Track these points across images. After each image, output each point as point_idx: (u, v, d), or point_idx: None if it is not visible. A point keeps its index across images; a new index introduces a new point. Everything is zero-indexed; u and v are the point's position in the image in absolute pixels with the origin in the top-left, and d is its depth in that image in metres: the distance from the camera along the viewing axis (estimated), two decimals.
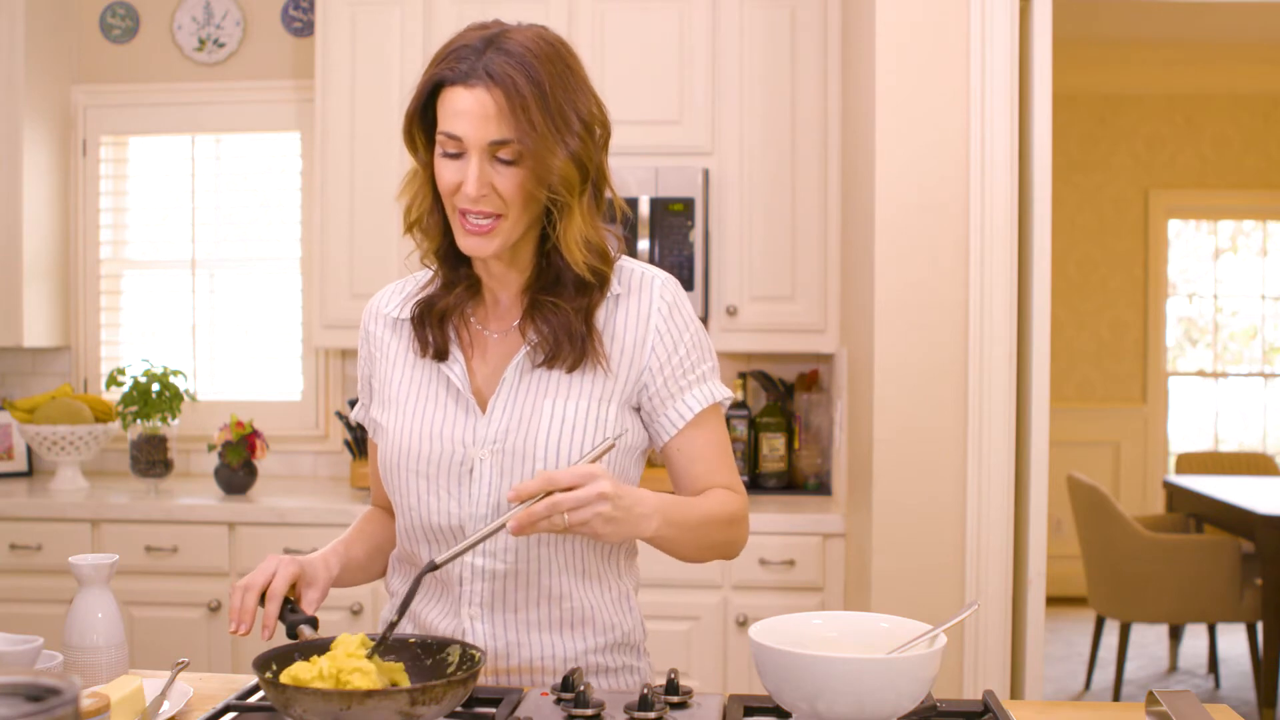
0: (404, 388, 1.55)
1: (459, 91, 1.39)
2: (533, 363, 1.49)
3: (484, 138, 1.39)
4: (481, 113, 1.38)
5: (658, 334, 1.51)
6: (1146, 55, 6.09)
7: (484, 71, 1.38)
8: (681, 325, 1.53)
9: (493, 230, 1.43)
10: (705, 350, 1.55)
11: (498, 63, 1.38)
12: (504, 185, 1.41)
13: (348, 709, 1.17)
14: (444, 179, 1.43)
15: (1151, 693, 1.34)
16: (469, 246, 1.45)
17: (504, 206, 1.42)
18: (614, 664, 1.57)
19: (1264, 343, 6.75)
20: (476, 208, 1.42)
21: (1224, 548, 4.33)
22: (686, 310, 1.55)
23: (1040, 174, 2.81)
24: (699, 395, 1.53)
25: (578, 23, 3.45)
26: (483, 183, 1.40)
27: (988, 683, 2.74)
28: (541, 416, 1.48)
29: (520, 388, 1.50)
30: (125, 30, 4.04)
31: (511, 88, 1.37)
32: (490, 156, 1.40)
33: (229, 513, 3.38)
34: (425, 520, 1.52)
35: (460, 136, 1.40)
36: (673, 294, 1.54)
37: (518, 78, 1.38)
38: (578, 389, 1.49)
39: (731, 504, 1.54)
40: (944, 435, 2.76)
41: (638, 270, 1.55)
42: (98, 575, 1.53)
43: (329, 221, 3.60)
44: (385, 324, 1.60)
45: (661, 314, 1.52)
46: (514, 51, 1.39)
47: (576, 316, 1.48)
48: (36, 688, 0.75)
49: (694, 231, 3.41)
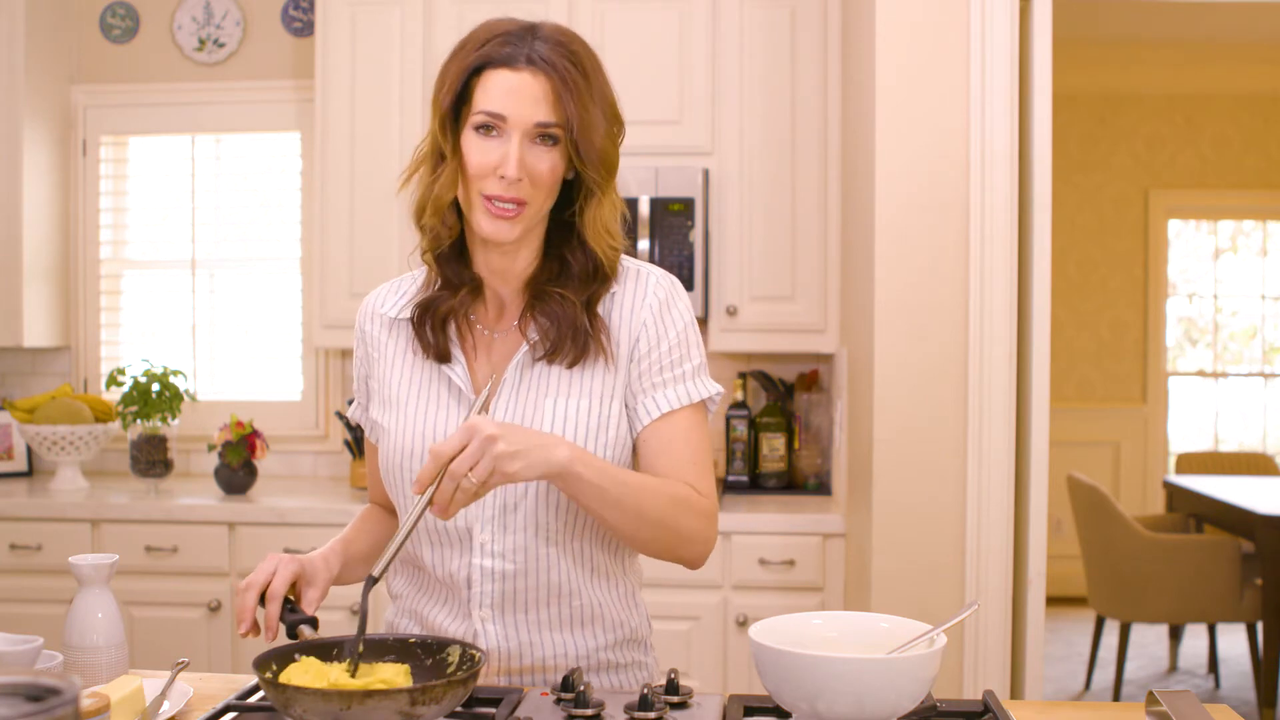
0: (405, 389, 1.55)
1: (504, 74, 1.41)
2: (533, 359, 1.49)
3: (530, 118, 1.41)
4: (530, 94, 1.41)
5: (644, 327, 1.51)
6: (1146, 55, 6.09)
7: (530, 56, 1.41)
8: (670, 321, 1.51)
9: (517, 216, 1.44)
10: (690, 348, 1.52)
11: (542, 49, 1.42)
12: (540, 168, 1.42)
13: (348, 709, 1.17)
14: (476, 160, 1.43)
15: (1151, 693, 1.34)
16: (491, 230, 1.44)
17: (532, 193, 1.43)
18: (624, 660, 1.58)
19: (1264, 343, 6.75)
20: (509, 193, 1.42)
21: (1224, 548, 4.33)
22: (679, 308, 1.53)
23: (1040, 174, 2.81)
24: (677, 392, 1.50)
25: (578, 23, 3.45)
26: (522, 164, 1.41)
27: (988, 683, 2.74)
28: (544, 416, 1.47)
29: (521, 387, 1.49)
30: (125, 30, 4.04)
31: (563, 72, 1.41)
32: (530, 139, 1.42)
33: (229, 513, 3.38)
34: (428, 520, 1.51)
35: (506, 115, 1.41)
36: (667, 290, 1.53)
37: (564, 64, 1.42)
38: (579, 386, 1.49)
39: (683, 490, 1.46)
40: (944, 435, 2.76)
41: (633, 267, 1.55)
42: (98, 575, 1.53)
43: (329, 221, 3.60)
44: (382, 324, 1.60)
45: (652, 309, 1.51)
46: (557, 40, 1.43)
47: (580, 308, 1.48)
48: (36, 688, 0.75)
49: (694, 231, 3.41)
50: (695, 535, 1.47)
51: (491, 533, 1.49)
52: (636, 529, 1.43)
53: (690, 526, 1.46)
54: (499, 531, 1.49)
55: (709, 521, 1.49)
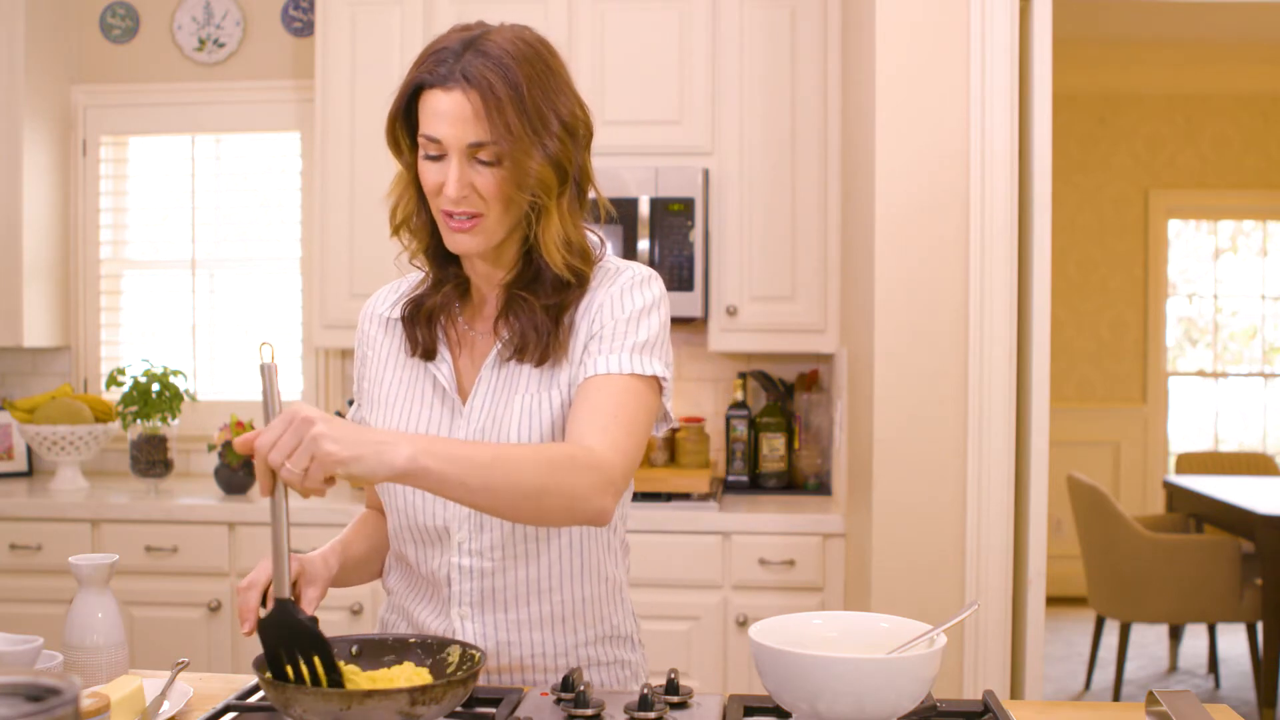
0: (393, 388, 1.57)
1: (437, 94, 1.41)
2: (503, 358, 1.51)
3: (462, 140, 1.40)
4: (459, 115, 1.39)
5: (599, 309, 1.50)
6: (1146, 55, 6.09)
7: (461, 74, 1.40)
8: (624, 303, 1.49)
9: (475, 228, 1.45)
10: (640, 327, 1.48)
11: (475, 65, 1.39)
12: (484, 186, 1.42)
13: (347, 709, 1.17)
14: (427, 180, 1.45)
15: (1151, 693, 1.34)
16: (455, 244, 1.47)
17: (485, 206, 1.44)
18: (606, 658, 1.58)
19: (1264, 343, 6.75)
20: (458, 208, 1.44)
21: (1224, 548, 4.33)
22: (641, 293, 1.50)
23: (1040, 174, 2.81)
24: (609, 361, 1.45)
25: (578, 23, 3.45)
26: (463, 184, 1.42)
27: (988, 683, 2.75)
28: (513, 412, 1.49)
29: (495, 384, 1.51)
30: (125, 30, 4.04)
31: (488, 90, 1.38)
32: (470, 158, 1.42)
33: (229, 513, 3.38)
34: (413, 520, 1.52)
35: (440, 138, 1.41)
36: (632, 280, 1.51)
37: (494, 80, 1.39)
38: (548, 380, 1.50)
39: (562, 450, 1.35)
40: (944, 435, 2.76)
41: (615, 267, 1.54)
42: (98, 575, 1.53)
43: (329, 221, 3.60)
44: (379, 324, 1.63)
45: (611, 295, 1.50)
46: (491, 53, 1.40)
47: (545, 313, 1.49)
48: (36, 688, 0.75)
49: (694, 231, 3.41)
50: (585, 493, 1.33)
51: (468, 531, 1.50)
52: (516, 506, 1.31)
53: (576, 484, 1.33)
54: (475, 530, 1.49)
55: (598, 474, 1.35)
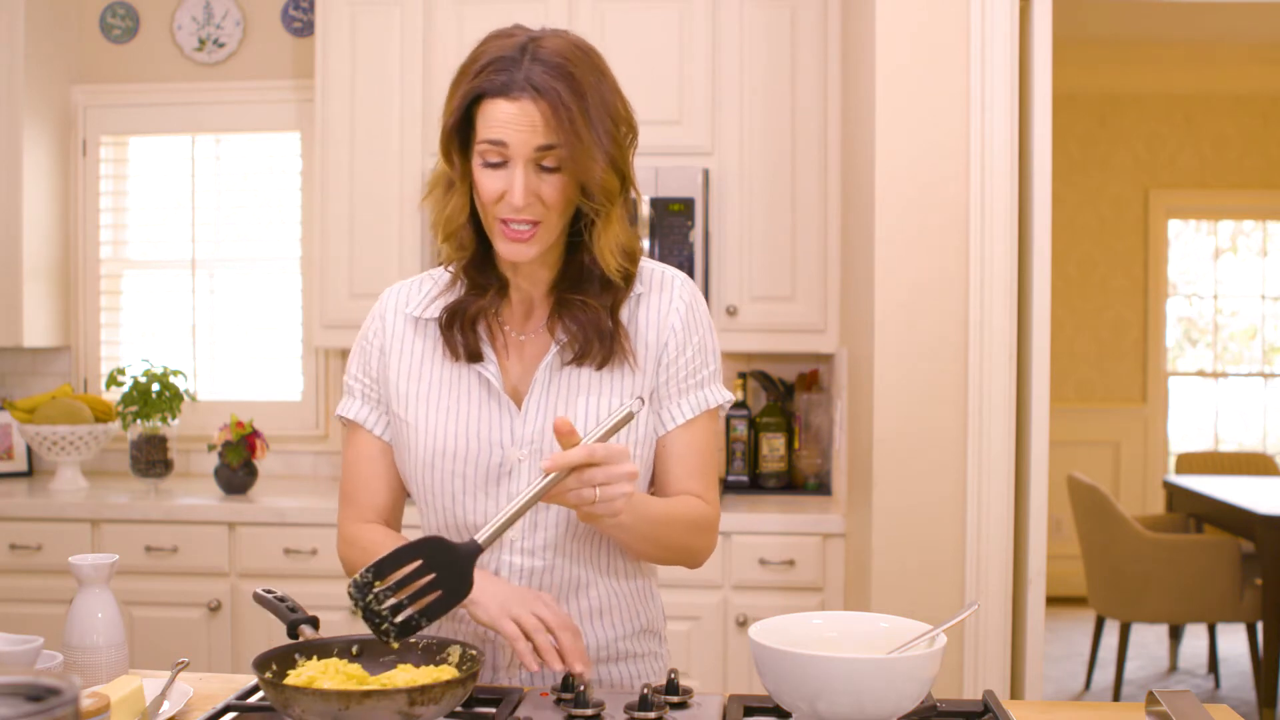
0: (434, 387, 1.55)
1: (501, 104, 1.41)
2: (562, 361, 1.52)
3: (530, 144, 1.40)
4: (528, 123, 1.40)
5: (673, 331, 1.55)
6: (1146, 55, 6.09)
7: (526, 82, 1.39)
8: (694, 325, 1.57)
9: (533, 237, 1.45)
10: (710, 353, 1.59)
11: (538, 73, 1.40)
12: (547, 193, 1.43)
13: (347, 709, 1.17)
14: (486, 188, 1.44)
15: (1151, 693, 1.34)
16: (510, 252, 1.47)
17: (544, 213, 1.44)
18: (640, 650, 1.63)
19: (1264, 343, 6.75)
20: (521, 215, 1.43)
21: (1224, 548, 4.33)
22: (701, 311, 1.59)
23: (1040, 174, 2.81)
24: (698, 399, 1.57)
25: (578, 23, 3.45)
26: (528, 191, 1.42)
27: (988, 683, 2.74)
28: (576, 414, 1.50)
29: (552, 387, 1.52)
30: (125, 30, 4.03)
31: (556, 99, 1.39)
32: (535, 165, 1.42)
33: (229, 513, 3.38)
34: (460, 519, 1.53)
35: (506, 143, 1.41)
36: (691, 294, 1.59)
37: (560, 88, 1.39)
38: (608, 386, 1.52)
39: (697, 510, 1.55)
40: (944, 435, 2.76)
41: (658, 270, 1.59)
42: (98, 575, 1.53)
43: (329, 221, 3.60)
44: (406, 321, 1.60)
45: (679, 313, 1.56)
46: (552, 61, 1.41)
47: (604, 314, 1.51)
48: (36, 688, 0.75)
49: (694, 231, 3.41)
50: (703, 550, 1.59)
51: (522, 530, 1.52)
52: (655, 554, 1.55)
53: (705, 546, 1.59)
54: (529, 529, 1.52)
55: (715, 533, 1.60)
